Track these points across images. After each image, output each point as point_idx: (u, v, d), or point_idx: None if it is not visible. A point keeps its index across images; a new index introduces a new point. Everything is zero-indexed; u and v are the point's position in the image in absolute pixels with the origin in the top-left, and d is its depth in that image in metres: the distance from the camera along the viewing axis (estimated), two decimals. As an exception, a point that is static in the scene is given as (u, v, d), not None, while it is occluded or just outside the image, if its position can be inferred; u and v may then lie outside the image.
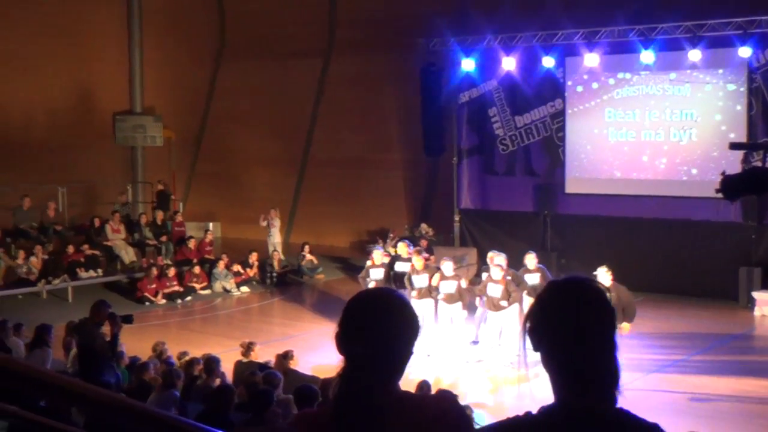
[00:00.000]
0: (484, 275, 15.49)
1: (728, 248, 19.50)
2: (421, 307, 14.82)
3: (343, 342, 2.68)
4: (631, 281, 19.59)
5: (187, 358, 12.30)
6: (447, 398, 2.78)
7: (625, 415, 2.43)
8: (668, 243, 20.32)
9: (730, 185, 8.70)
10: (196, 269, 21.73)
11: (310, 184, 27.96)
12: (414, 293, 14.98)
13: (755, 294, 18.77)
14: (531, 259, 15.48)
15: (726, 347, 16.03)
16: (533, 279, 15.03)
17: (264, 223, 24.24)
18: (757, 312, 18.53)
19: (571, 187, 21.93)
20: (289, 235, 26.94)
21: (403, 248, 16.64)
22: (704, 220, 19.92)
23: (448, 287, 14.99)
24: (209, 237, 24.29)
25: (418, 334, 2.74)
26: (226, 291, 21.75)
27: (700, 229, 19.99)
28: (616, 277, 14.14)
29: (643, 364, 14.25)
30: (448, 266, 15.14)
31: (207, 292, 21.57)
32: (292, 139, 27.96)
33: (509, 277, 14.82)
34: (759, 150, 15.34)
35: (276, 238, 24.17)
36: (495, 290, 14.59)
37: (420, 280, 15.16)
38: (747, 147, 17.48)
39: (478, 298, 15.37)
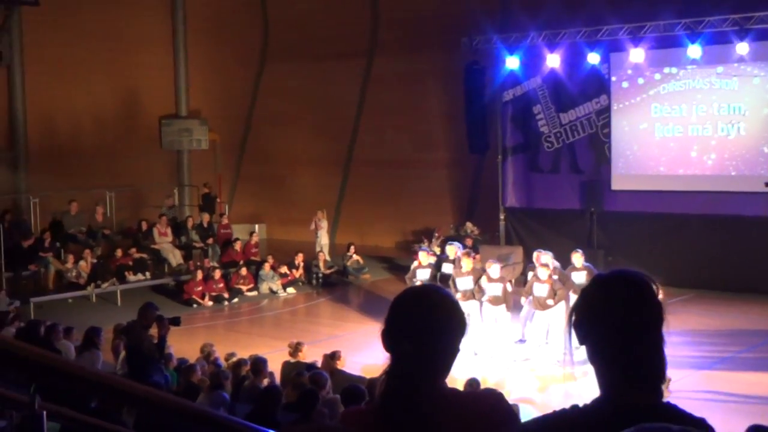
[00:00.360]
0: (530, 274, 15.42)
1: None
2: (465, 308, 14.80)
3: (389, 340, 2.67)
4: (680, 278, 19.50)
5: (234, 359, 12.38)
6: (494, 395, 2.78)
7: (673, 409, 2.41)
8: (717, 239, 20.09)
9: (779, 179, 8.56)
10: (243, 271, 21.88)
11: (354, 184, 28.02)
12: (458, 295, 14.92)
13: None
14: (578, 258, 15.39)
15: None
16: (580, 277, 14.93)
17: (312, 227, 24.40)
18: (809, 307, 18.29)
19: (617, 184, 21.76)
20: (335, 235, 27.00)
21: (451, 250, 16.55)
22: (753, 215, 19.68)
23: (494, 289, 14.93)
24: (255, 239, 24.44)
25: (465, 331, 2.73)
26: (273, 292, 21.86)
27: (749, 225, 19.74)
28: (665, 275, 14.06)
29: (692, 361, 14.10)
30: (495, 269, 15.06)
31: (253, 293, 21.70)
32: (337, 139, 28.04)
33: (555, 276, 14.75)
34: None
35: (323, 240, 24.31)
36: (541, 290, 14.56)
37: (464, 283, 15.10)
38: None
39: (523, 298, 15.31)
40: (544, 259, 15.04)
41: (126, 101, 27.33)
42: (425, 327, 2.63)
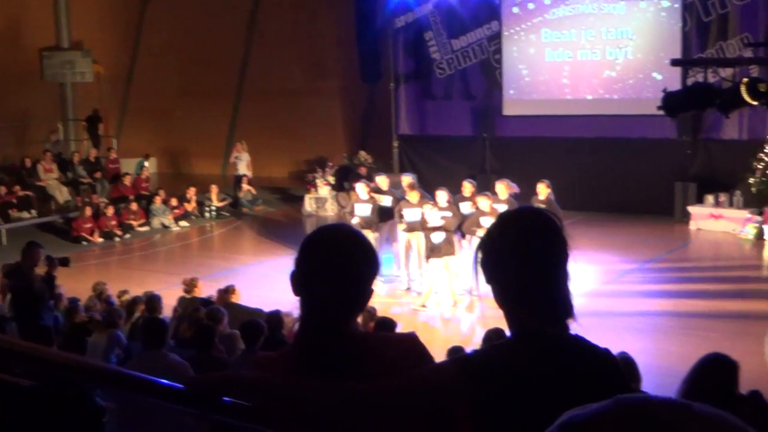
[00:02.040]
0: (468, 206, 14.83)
1: (664, 164, 19.71)
2: (411, 239, 14.51)
3: (303, 283, 2.54)
4: (571, 200, 19.78)
5: (127, 296, 12.10)
6: (408, 337, 2.71)
7: (581, 340, 2.44)
8: (606, 161, 20.46)
9: (672, 102, 8.64)
10: (133, 206, 21.38)
11: (245, 115, 27.55)
12: (403, 227, 14.52)
13: (690, 208, 19.04)
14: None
15: (663, 261, 16.26)
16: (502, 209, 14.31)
17: (233, 159, 24.27)
18: (693, 226, 18.83)
19: (509, 109, 21.89)
20: (225, 167, 26.62)
21: (383, 181, 15.71)
22: (641, 137, 20.06)
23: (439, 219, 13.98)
24: (145, 173, 23.92)
25: (379, 272, 2.65)
26: (165, 227, 21.45)
27: (637, 147, 20.13)
28: (555, 198, 14.29)
29: (581, 282, 14.35)
30: (442, 197, 14.24)
31: (145, 228, 21.25)
32: (226, 70, 27.44)
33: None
34: (699, 66, 15.39)
35: (244, 172, 23.92)
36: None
37: (412, 214, 14.66)
38: (688, 63, 17.56)
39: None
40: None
41: (5, 33, 26.18)
42: (343, 270, 2.51)
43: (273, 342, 8.43)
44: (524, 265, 2.39)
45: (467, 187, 15.01)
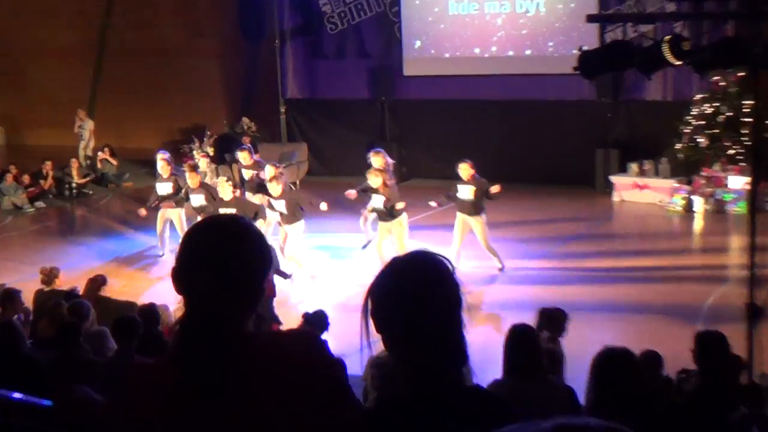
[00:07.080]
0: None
1: (583, 129, 19.97)
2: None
3: (185, 279, 2.50)
4: (479, 170, 19.92)
5: (-23, 290, 11.72)
6: (304, 337, 2.69)
7: (478, 391, 2.64)
8: (518, 126, 20.66)
9: (588, 62, 8.64)
10: (-20, 184, 20.81)
11: (109, 77, 26.95)
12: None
13: (613, 178, 19.35)
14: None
15: (585, 239, 16.42)
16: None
17: (76, 129, 23.98)
18: (616, 197, 19.12)
19: (409, 69, 21.91)
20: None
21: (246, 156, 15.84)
22: (556, 99, 20.25)
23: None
24: (-7, 146, 23.31)
25: (270, 267, 2.63)
26: (18, 208, 20.90)
27: (553, 109, 20.36)
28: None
29: (494, 266, 14.45)
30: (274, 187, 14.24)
31: (-6, 210, 20.73)
32: (86, 25, 26.76)
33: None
34: (617, 21, 15.53)
35: (91, 143, 23.59)
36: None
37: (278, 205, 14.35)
38: (604, 19, 17.72)
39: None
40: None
41: None
42: (229, 264, 2.47)
43: (150, 339, 8.27)
44: (416, 316, 2.49)
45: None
